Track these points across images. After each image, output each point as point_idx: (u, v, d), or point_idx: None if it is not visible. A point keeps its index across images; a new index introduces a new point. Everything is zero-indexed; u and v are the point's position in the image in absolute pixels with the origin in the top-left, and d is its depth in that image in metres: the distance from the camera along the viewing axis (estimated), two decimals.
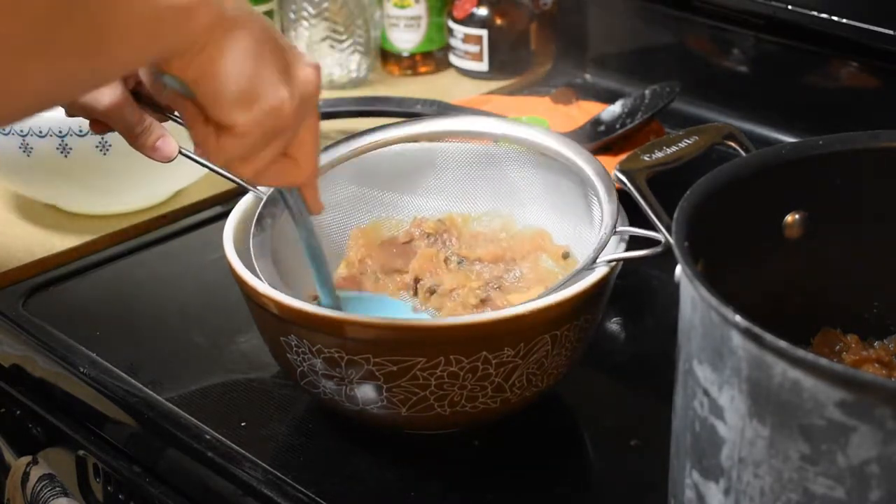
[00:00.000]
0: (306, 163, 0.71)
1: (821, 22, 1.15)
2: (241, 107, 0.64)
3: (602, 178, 0.87)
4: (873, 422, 0.56)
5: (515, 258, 0.91)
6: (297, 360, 0.81)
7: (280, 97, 0.65)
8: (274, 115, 0.65)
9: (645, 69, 1.34)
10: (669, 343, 0.69)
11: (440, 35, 1.45)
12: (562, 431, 0.89)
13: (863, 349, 0.80)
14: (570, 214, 0.92)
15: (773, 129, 1.24)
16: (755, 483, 0.61)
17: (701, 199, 0.70)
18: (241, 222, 0.88)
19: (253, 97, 0.64)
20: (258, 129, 0.65)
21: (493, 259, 0.91)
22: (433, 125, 0.95)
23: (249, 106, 0.64)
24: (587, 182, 0.88)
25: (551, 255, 0.91)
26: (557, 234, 0.92)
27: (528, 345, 0.78)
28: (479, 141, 0.94)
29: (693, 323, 0.64)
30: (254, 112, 0.65)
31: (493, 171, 0.95)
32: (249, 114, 0.64)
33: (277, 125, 0.66)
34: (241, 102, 0.64)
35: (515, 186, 0.95)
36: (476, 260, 0.91)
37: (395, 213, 0.96)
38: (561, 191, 0.92)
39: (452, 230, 0.94)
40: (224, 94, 0.64)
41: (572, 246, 0.91)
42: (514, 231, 0.94)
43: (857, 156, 0.76)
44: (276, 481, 0.82)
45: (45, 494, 0.95)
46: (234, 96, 0.64)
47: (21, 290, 1.04)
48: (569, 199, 0.92)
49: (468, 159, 0.95)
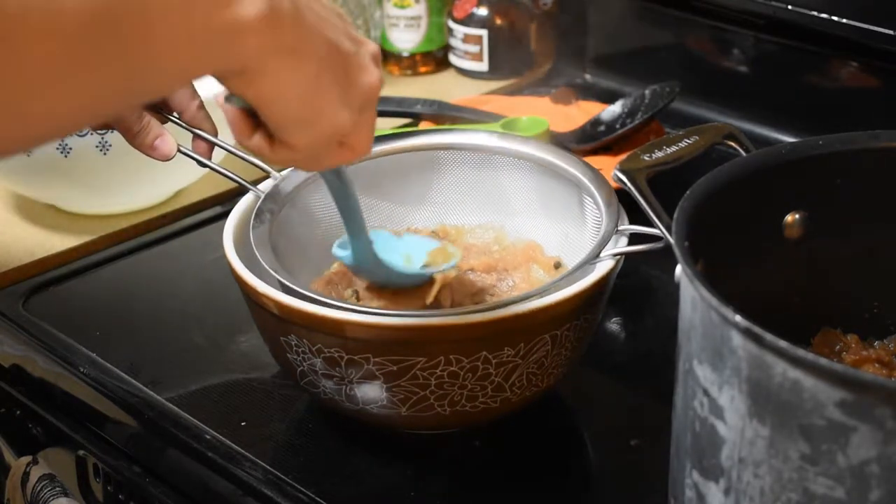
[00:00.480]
0: (362, 148, 0.70)
1: (821, 22, 1.15)
2: (300, 129, 0.64)
3: (600, 183, 0.87)
4: (873, 422, 0.56)
5: (508, 268, 0.91)
6: (297, 360, 0.81)
7: (340, 119, 0.65)
8: (334, 133, 0.66)
9: (645, 69, 1.34)
10: (669, 343, 0.69)
11: (440, 35, 1.45)
12: (562, 431, 0.89)
13: (863, 349, 0.80)
14: (564, 223, 0.92)
15: (773, 129, 1.24)
16: (755, 483, 0.61)
17: (701, 199, 0.70)
18: (240, 222, 0.88)
19: (313, 121, 0.64)
20: (315, 147, 0.66)
21: (486, 269, 0.91)
22: (429, 139, 0.95)
23: (309, 128, 0.64)
24: (584, 189, 0.88)
25: (543, 265, 0.91)
26: (550, 244, 0.93)
27: (529, 344, 0.78)
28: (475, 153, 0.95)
29: (693, 323, 0.64)
30: (313, 133, 0.65)
31: (486, 177, 0.95)
32: (309, 135, 0.65)
33: (337, 137, 0.66)
34: (302, 125, 0.64)
35: (509, 193, 0.95)
36: (469, 270, 0.91)
37: (388, 222, 0.95)
38: (555, 198, 0.93)
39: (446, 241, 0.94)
40: (286, 117, 0.63)
41: (564, 257, 0.91)
42: (506, 243, 0.95)
43: (857, 156, 0.76)
44: (276, 481, 0.82)
45: (45, 494, 0.95)
46: (294, 120, 0.64)
47: (21, 290, 1.04)
48: (563, 206, 0.92)
49: (462, 166, 0.95)
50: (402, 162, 0.95)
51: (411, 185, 0.96)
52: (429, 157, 0.95)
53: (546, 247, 0.93)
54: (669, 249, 0.66)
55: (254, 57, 0.59)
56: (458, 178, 0.96)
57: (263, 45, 0.59)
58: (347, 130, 0.66)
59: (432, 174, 0.96)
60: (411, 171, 0.96)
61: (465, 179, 0.96)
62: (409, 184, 0.96)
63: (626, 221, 0.84)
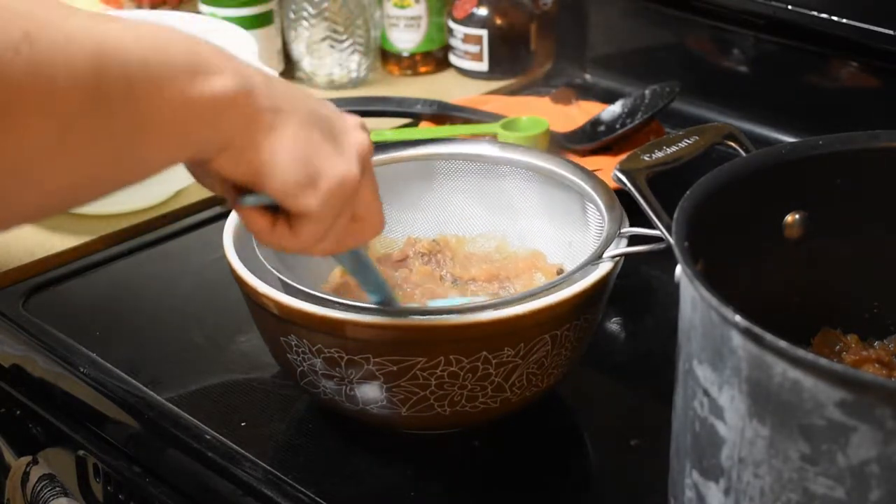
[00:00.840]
0: (376, 219, 0.71)
1: (821, 22, 1.15)
2: (308, 189, 0.65)
3: (602, 189, 0.87)
4: (873, 422, 0.56)
5: (510, 276, 0.92)
6: (297, 360, 0.81)
7: (341, 169, 0.66)
8: (341, 187, 0.66)
9: (645, 69, 1.34)
10: (669, 343, 0.69)
11: (440, 35, 1.45)
12: (562, 431, 0.89)
13: (863, 349, 0.80)
14: (567, 230, 0.92)
15: (773, 129, 1.24)
16: (755, 483, 0.61)
17: (701, 199, 0.70)
18: (240, 223, 0.88)
19: (315, 177, 0.65)
20: (330, 207, 0.66)
21: (488, 278, 0.91)
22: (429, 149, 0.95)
23: (316, 186, 0.65)
24: (586, 196, 0.88)
25: (545, 273, 0.91)
26: (553, 252, 0.93)
27: (528, 345, 0.78)
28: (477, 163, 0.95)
29: (693, 323, 0.64)
30: (322, 191, 0.65)
31: (488, 186, 0.95)
32: (319, 193, 0.65)
33: (346, 196, 0.67)
34: (307, 185, 0.65)
35: (511, 202, 0.95)
36: (470, 280, 0.91)
37: (389, 232, 0.95)
38: (558, 206, 0.93)
39: (446, 251, 0.94)
40: (288, 182, 0.64)
41: (568, 265, 0.91)
42: (507, 252, 0.95)
43: (857, 156, 0.76)
44: (276, 481, 0.82)
45: (45, 494, 0.95)
46: (298, 182, 0.64)
47: (21, 290, 1.04)
48: (565, 214, 0.92)
49: (463, 175, 0.95)
50: (403, 171, 0.95)
51: (412, 194, 0.96)
52: (429, 166, 0.95)
53: (549, 255, 0.93)
54: (669, 250, 0.66)
55: (236, 129, 0.61)
56: (459, 187, 0.96)
57: (243, 115, 0.61)
58: (354, 185, 0.66)
59: (433, 183, 0.96)
60: (412, 181, 0.95)
61: (466, 188, 0.96)
62: (410, 193, 0.96)
63: (628, 224, 0.84)
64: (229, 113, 0.60)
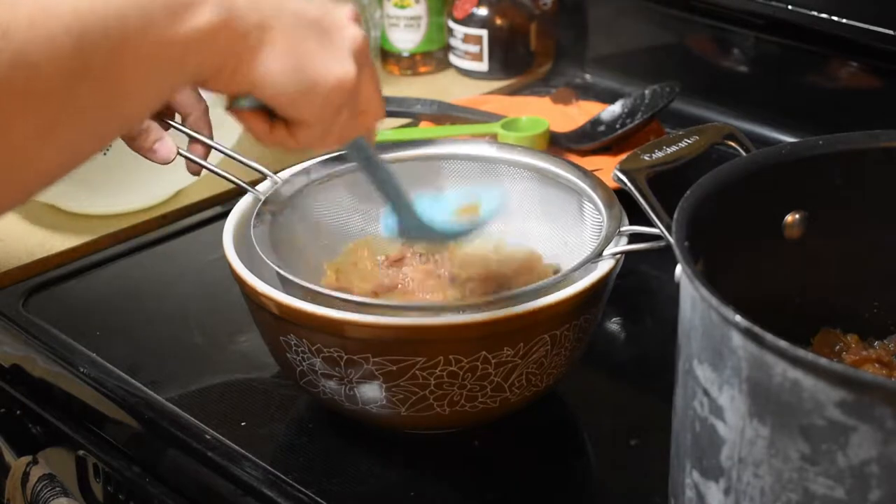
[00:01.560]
0: (375, 109, 0.70)
1: (821, 22, 1.15)
2: (304, 99, 0.65)
3: (600, 188, 0.87)
4: (873, 422, 0.56)
5: (508, 276, 0.91)
6: (296, 360, 0.81)
7: (336, 72, 0.65)
8: (338, 91, 0.65)
9: (645, 69, 1.34)
10: (669, 343, 0.69)
11: (440, 35, 1.45)
12: (562, 431, 0.89)
13: (863, 349, 0.80)
14: (563, 230, 0.92)
15: (773, 129, 1.24)
16: (755, 483, 0.61)
17: (701, 199, 0.70)
18: (240, 222, 0.88)
19: (310, 85, 0.64)
20: (328, 111, 0.66)
21: (485, 278, 0.91)
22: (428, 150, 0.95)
23: (312, 94, 0.65)
24: (584, 195, 0.88)
25: (542, 274, 0.91)
26: (549, 252, 0.93)
27: (528, 344, 0.78)
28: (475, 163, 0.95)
29: (693, 323, 0.64)
30: (319, 98, 0.65)
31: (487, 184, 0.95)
32: (315, 101, 0.65)
33: (344, 97, 0.66)
34: (303, 95, 0.64)
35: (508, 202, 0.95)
36: (467, 280, 0.91)
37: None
38: (554, 206, 0.93)
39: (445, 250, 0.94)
40: (284, 93, 0.64)
41: (564, 265, 0.91)
42: (505, 252, 0.95)
43: (857, 156, 0.76)
44: (276, 481, 0.82)
45: (45, 494, 0.95)
46: (294, 93, 0.64)
47: (21, 290, 1.04)
48: (562, 213, 0.92)
49: (461, 176, 0.95)
50: (403, 171, 0.95)
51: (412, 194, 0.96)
52: (428, 167, 0.95)
53: (545, 255, 0.93)
54: (669, 249, 0.66)
55: (225, 52, 0.61)
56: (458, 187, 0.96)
57: (229, 40, 0.60)
58: (351, 85, 0.66)
59: (433, 183, 0.96)
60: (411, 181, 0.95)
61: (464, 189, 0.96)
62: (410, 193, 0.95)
63: (627, 223, 0.84)
64: (214, 42, 0.60)
